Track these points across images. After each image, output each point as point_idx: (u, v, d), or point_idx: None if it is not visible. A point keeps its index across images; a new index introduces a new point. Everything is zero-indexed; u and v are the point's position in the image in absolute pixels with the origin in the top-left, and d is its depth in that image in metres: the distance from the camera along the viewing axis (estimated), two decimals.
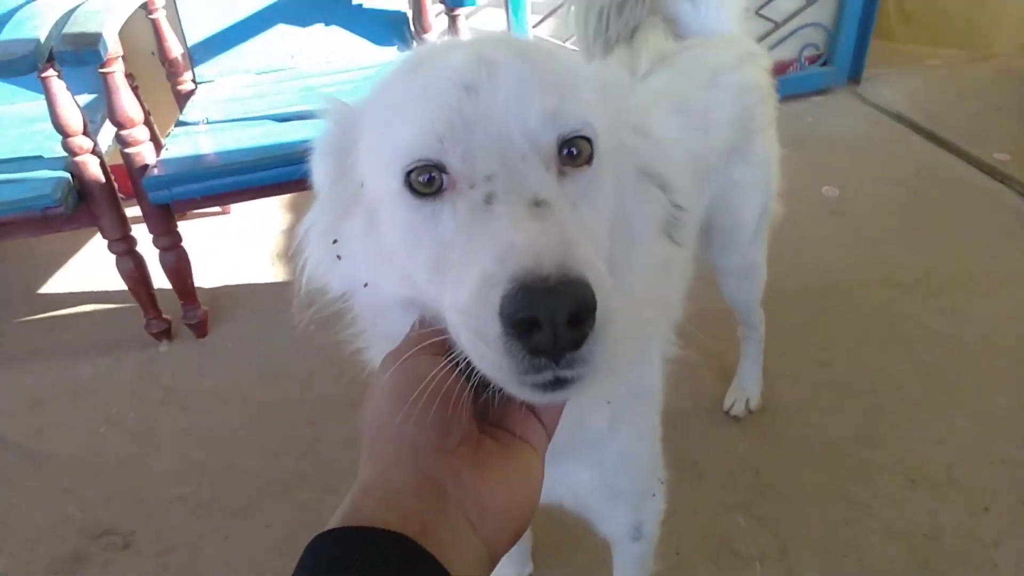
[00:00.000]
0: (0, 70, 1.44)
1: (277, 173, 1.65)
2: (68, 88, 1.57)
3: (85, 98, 1.91)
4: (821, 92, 2.88)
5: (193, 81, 2.11)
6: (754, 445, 1.45)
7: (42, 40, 1.48)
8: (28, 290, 2.17)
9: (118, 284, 2.03)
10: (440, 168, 0.50)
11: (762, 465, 1.40)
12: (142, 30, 2.07)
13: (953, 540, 1.24)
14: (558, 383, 0.45)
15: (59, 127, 1.57)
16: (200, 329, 1.89)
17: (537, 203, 0.47)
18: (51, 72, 1.53)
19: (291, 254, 0.67)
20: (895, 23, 3.76)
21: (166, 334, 1.88)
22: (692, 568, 1.25)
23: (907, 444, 1.42)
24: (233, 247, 2.25)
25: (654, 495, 0.95)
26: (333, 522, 0.44)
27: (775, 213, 1.31)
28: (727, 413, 1.51)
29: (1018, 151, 2.31)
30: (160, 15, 2.05)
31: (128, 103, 1.61)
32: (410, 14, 2.17)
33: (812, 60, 2.91)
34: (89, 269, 2.24)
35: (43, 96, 1.78)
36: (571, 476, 0.83)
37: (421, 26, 2.15)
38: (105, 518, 1.47)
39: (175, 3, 2.04)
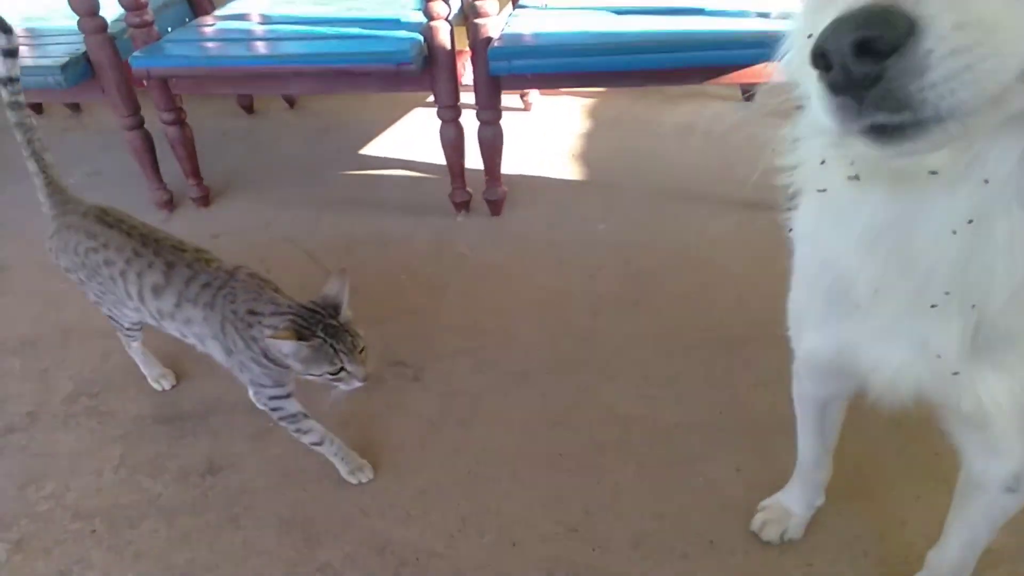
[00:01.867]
0: None
1: (610, 60, 1.63)
2: None
3: None
4: None
5: None
6: None
7: None
8: (352, 150, 2.41)
9: (425, 157, 2.21)
10: None
11: None
12: None
13: None
14: (887, 130, 0.40)
15: None
16: (496, 207, 1.97)
17: None
18: None
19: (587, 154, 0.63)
20: None
21: (465, 206, 1.99)
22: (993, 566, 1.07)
23: None
24: (531, 141, 2.31)
25: None
26: None
27: None
28: None
29: None
30: None
31: None
32: None
33: None
34: (402, 141, 2.44)
35: None
36: (976, 377, 0.65)
37: None
38: (399, 352, 1.59)
39: None
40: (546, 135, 2.36)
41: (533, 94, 2.50)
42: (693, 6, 1.74)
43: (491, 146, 1.87)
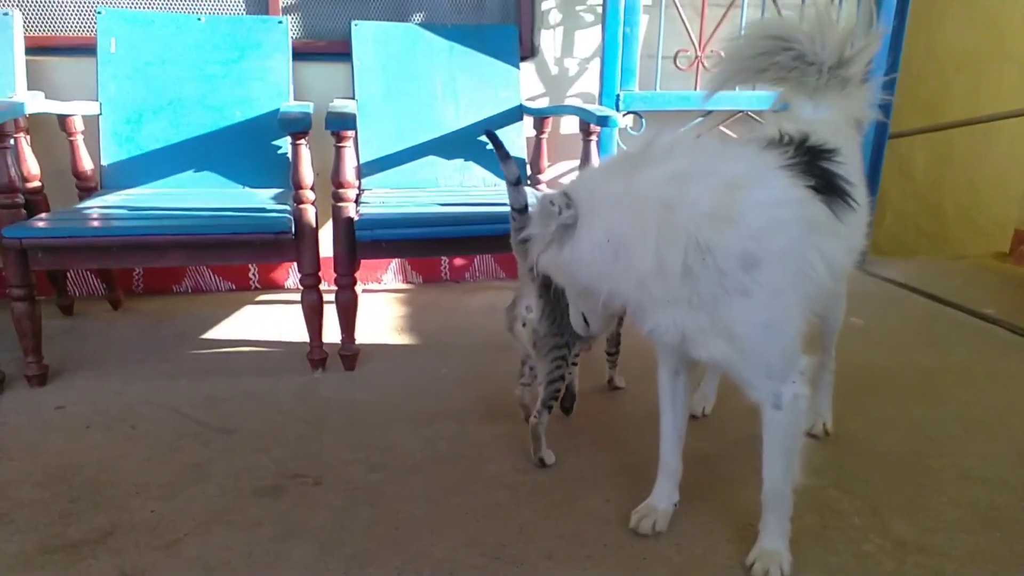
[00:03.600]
0: (286, 126, 2.01)
1: (451, 230, 2.16)
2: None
3: None
4: None
5: (359, 188, 2.69)
6: (836, 453, 1.80)
7: (311, 112, 2.08)
8: (193, 335, 2.55)
9: (269, 336, 2.46)
10: None
11: (844, 462, 1.75)
12: None
13: None
14: None
15: (296, 181, 2.10)
16: (350, 362, 2.25)
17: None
18: (303, 140, 2.09)
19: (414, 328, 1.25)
20: (881, 241, 4.57)
21: (322, 363, 2.24)
22: (801, 517, 1.53)
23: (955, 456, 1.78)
24: (363, 322, 2.66)
25: (794, 382, 1.25)
26: None
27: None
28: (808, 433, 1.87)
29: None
30: None
31: (348, 170, 2.15)
32: (528, 159, 2.85)
33: None
34: (242, 328, 2.64)
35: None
36: (712, 346, 1.21)
37: (538, 168, 2.83)
38: (295, 468, 1.73)
39: (357, 131, 2.69)
40: (374, 317, 2.75)
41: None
42: (497, 201, 2.39)
43: (348, 307, 2.22)
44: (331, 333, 2.27)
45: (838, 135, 1.47)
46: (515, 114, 2.87)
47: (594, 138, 2.32)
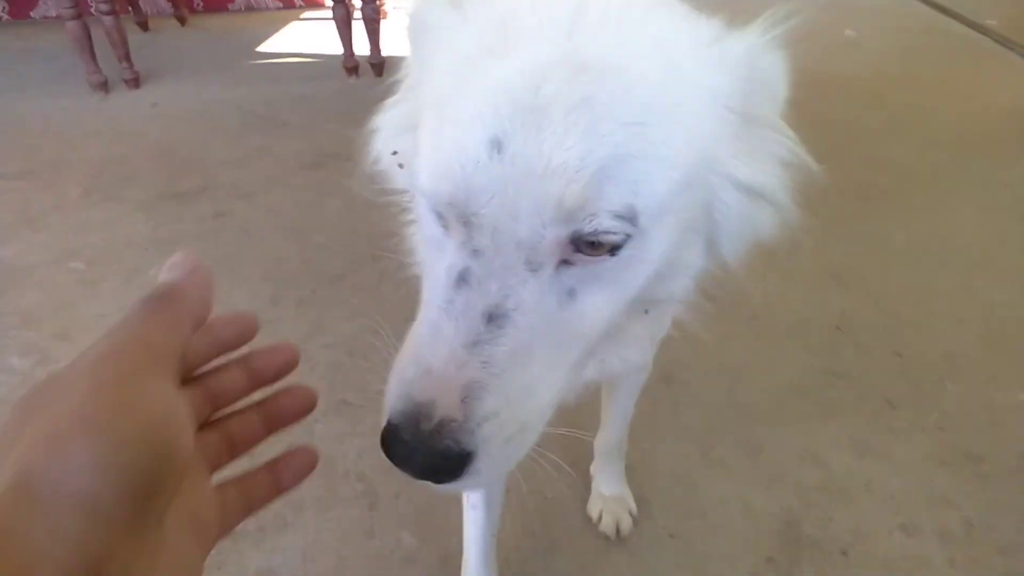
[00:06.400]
0: None
1: None
2: None
3: None
4: None
5: None
6: None
7: None
8: (248, 49, 3.01)
9: (311, 50, 2.86)
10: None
11: None
12: None
13: None
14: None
15: None
16: (379, 70, 2.68)
17: (492, 317, 0.46)
18: None
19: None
20: None
21: (355, 71, 2.67)
22: None
23: (863, 147, 2.13)
24: (391, 38, 3.02)
25: None
26: None
27: None
28: None
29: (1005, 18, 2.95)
30: None
31: None
32: None
33: None
34: (287, 42, 3.07)
35: None
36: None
37: None
38: (331, 149, 2.26)
39: None
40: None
41: (388, 3, 3.21)
42: None
43: (372, 20, 2.57)
44: (364, 47, 2.66)
45: None
46: None
47: None
